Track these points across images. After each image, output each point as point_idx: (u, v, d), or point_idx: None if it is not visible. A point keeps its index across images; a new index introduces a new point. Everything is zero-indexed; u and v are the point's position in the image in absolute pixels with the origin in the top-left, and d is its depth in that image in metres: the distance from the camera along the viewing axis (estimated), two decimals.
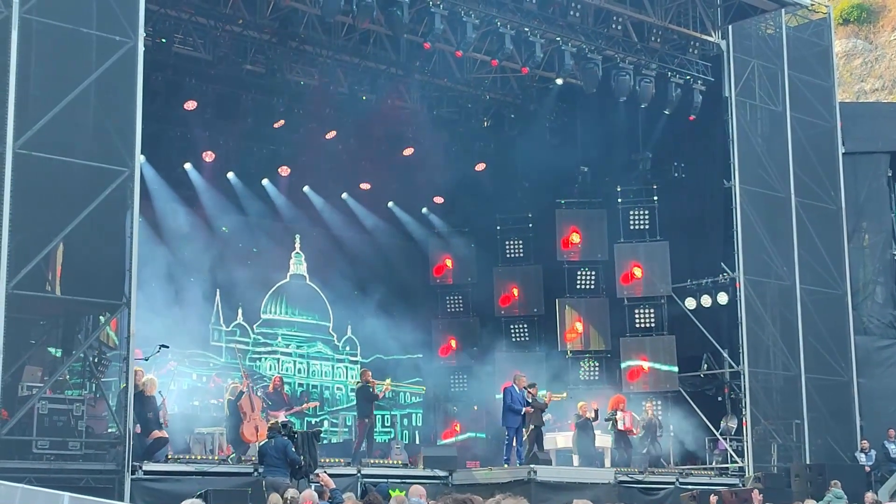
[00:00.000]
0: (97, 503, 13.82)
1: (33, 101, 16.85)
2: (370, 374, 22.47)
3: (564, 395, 24.01)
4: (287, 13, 22.93)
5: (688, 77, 24.64)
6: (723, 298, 25.07)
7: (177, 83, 23.97)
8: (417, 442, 28.39)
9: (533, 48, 22.66)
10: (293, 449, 17.79)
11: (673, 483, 22.59)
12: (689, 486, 22.36)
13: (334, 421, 28.04)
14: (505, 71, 25.78)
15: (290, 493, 15.41)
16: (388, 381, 22.65)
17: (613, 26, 23.51)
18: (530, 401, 22.24)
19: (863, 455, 25.00)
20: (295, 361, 27.86)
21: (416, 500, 12.77)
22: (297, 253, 28.26)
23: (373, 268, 28.41)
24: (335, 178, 27.80)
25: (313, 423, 26.25)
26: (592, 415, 23.40)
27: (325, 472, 17.98)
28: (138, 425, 18.30)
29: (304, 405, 24.41)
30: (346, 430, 27.49)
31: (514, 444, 22.02)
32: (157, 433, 18.77)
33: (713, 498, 20.65)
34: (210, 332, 26.36)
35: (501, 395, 22.62)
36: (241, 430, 20.52)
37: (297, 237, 28.22)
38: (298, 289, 28.22)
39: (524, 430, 22.33)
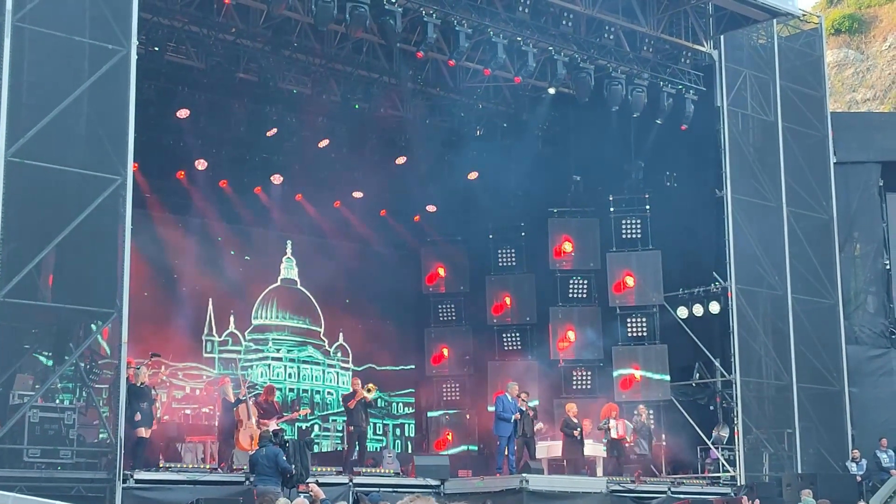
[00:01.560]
0: None
1: (26, 109, 16.84)
2: (359, 382, 22.46)
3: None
4: (280, 22, 22.94)
5: (680, 87, 24.69)
6: (714, 308, 25.10)
7: (169, 91, 24.00)
8: (409, 451, 28.36)
9: (525, 57, 22.69)
10: (284, 458, 17.79)
11: (665, 492, 22.59)
12: (681, 495, 22.38)
13: (326, 426, 28.03)
14: (497, 80, 25.79)
15: (281, 501, 15.38)
16: (370, 385, 22.46)
17: (606, 36, 23.56)
18: (523, 409, 22.26)
19: (854, 464, 25.03)
20: (286, 366, 27.85)
21: None
22: (289, 258, 28.27)
23: (365, 276, 28.41)
24: (328, 187, 27.81)
25: (304, 428, 26.24)
26: (577, 421, 23.38)
27: (316, 480, 18.02)
28: (137, 413, 18.25)
29: (295, 413, 24.40)
30: (338, 434, 27.48)
31: (506, 452, 22.04)
32: (141, 431, 18.71)
33: None
34: (203, 344, 26.35)
35: (494, 405, 22.63)
36: (237, 438, 20.44)
37: (289, 243, 28.24)
38: (289, 293, 28.23)
39: (515, 438, 22.37)
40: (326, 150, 26.95)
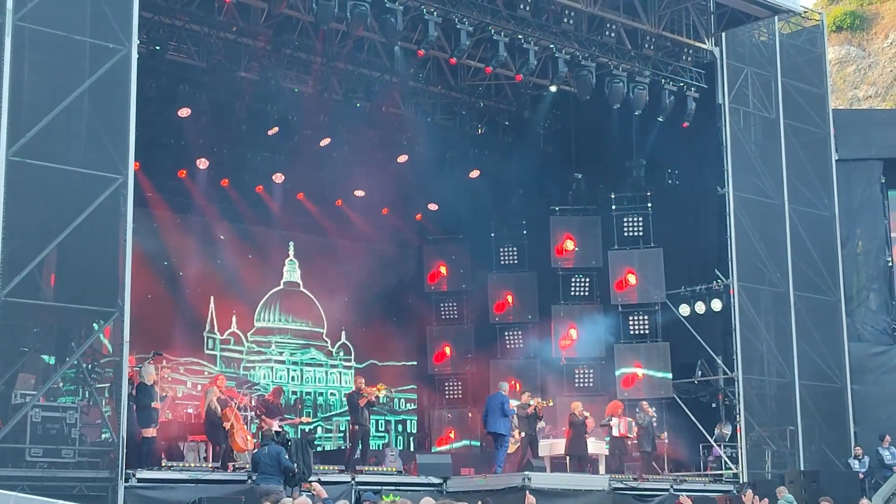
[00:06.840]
0: None
1: (26, 108, 16.81)
2: (363, 380, 22.43)
3: (550, 402, 24.05)
4: (281, 20, 22.95)
5: (681, 84, 24.68)
6: (717, 305, 25.09)
7: (171, 90, 23.98)
8: (412, 449, 28.37)
9: (527, 55, 22.67)
10: (287, 456, 17.77)
11: (667, 489, 22.56)
12: (683, 493, 22.35)
13: (328, 427, 28.03)
14: (499, 78, 25.81)
15: (285, 501, 15.37)
16: (380, 385, 22.53)
17: (607, 33, 23.54)
18: (513, 410, 22.32)
19: (856, 461, 25.01)
20: (289, 369, 27.85)
21: None
22: (291, 260, 28.27)
23: (367, 275, 28.37)
24: (329, 185, 27.82)
25: (307, 430, 26.21)
26: (583, 417, 23.35)
27: (318, 478, 18.01)
28: (150, 413, 18.29)
29: (297, 420, 24.30)
30: (340, 435, 27.47)
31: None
32: (148, 431, 18.69)
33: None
34: (204, 341, 26.36)
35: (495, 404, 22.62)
36: (232, 440, 20.30)
37: (291, 244, 28.24)
38: (292, 296, 28.22)
39: (513, 436, 22.42)
40: (328, 149, 26.95)
